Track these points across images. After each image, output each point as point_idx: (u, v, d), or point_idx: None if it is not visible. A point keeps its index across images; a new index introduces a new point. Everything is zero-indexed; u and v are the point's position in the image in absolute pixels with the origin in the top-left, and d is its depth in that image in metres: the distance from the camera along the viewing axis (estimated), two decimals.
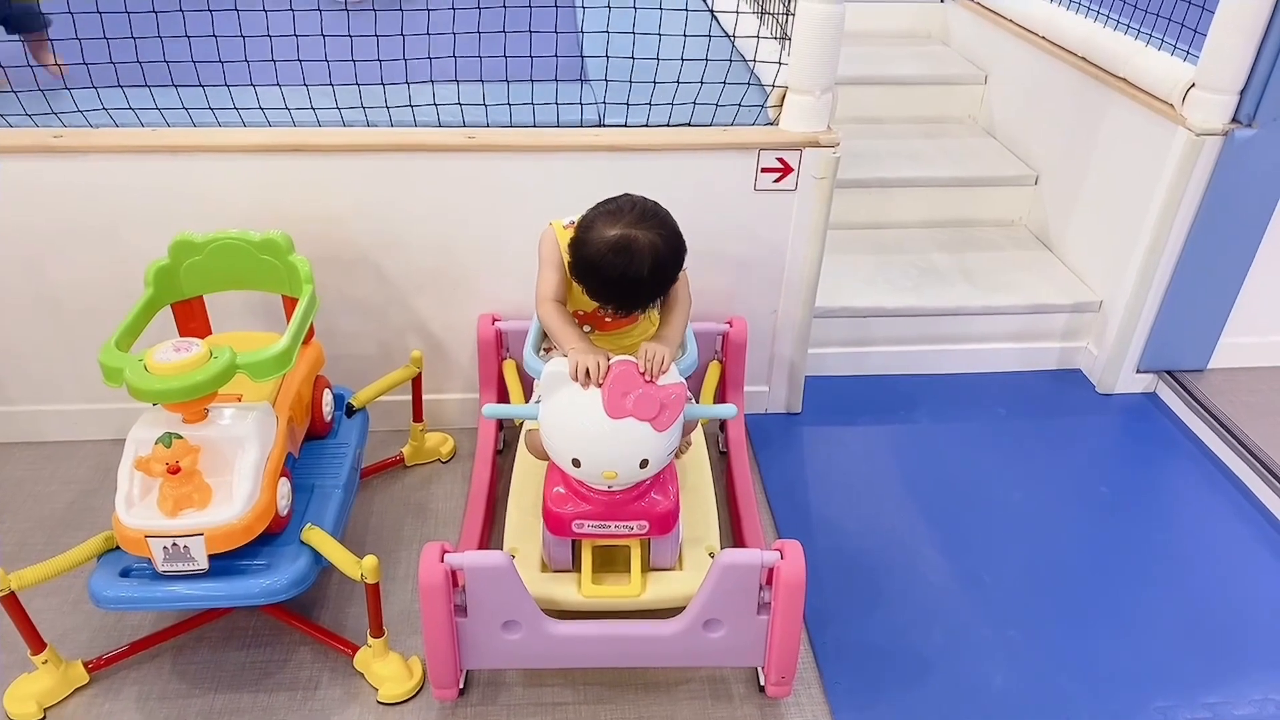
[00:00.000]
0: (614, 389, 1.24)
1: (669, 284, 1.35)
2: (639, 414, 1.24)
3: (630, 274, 1.28)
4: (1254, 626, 1.59)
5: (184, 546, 1.29)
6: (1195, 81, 1.86)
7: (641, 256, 1.28)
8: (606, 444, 1.26)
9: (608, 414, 1.24)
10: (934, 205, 2.51)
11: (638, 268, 1.28)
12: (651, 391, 1.25)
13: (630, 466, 1.27)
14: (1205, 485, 1.92)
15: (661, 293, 1.36)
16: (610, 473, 1.27)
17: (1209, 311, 2.09)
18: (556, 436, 1.30)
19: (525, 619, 1.32)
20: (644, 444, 1.26)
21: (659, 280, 1.32)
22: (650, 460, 1.28)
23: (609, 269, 1.28)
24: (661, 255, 1.30)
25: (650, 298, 1.35)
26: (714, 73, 1.75)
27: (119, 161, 1.65)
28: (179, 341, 1.32)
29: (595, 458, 1.27)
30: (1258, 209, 1.95)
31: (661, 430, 1.26)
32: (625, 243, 1.28)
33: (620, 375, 1.25)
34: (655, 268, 1.29)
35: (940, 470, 1.94)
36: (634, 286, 1.30)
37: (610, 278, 1.29)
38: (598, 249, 1.29)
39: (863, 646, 1.53)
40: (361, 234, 1.76)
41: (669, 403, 1.25)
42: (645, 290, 1.32)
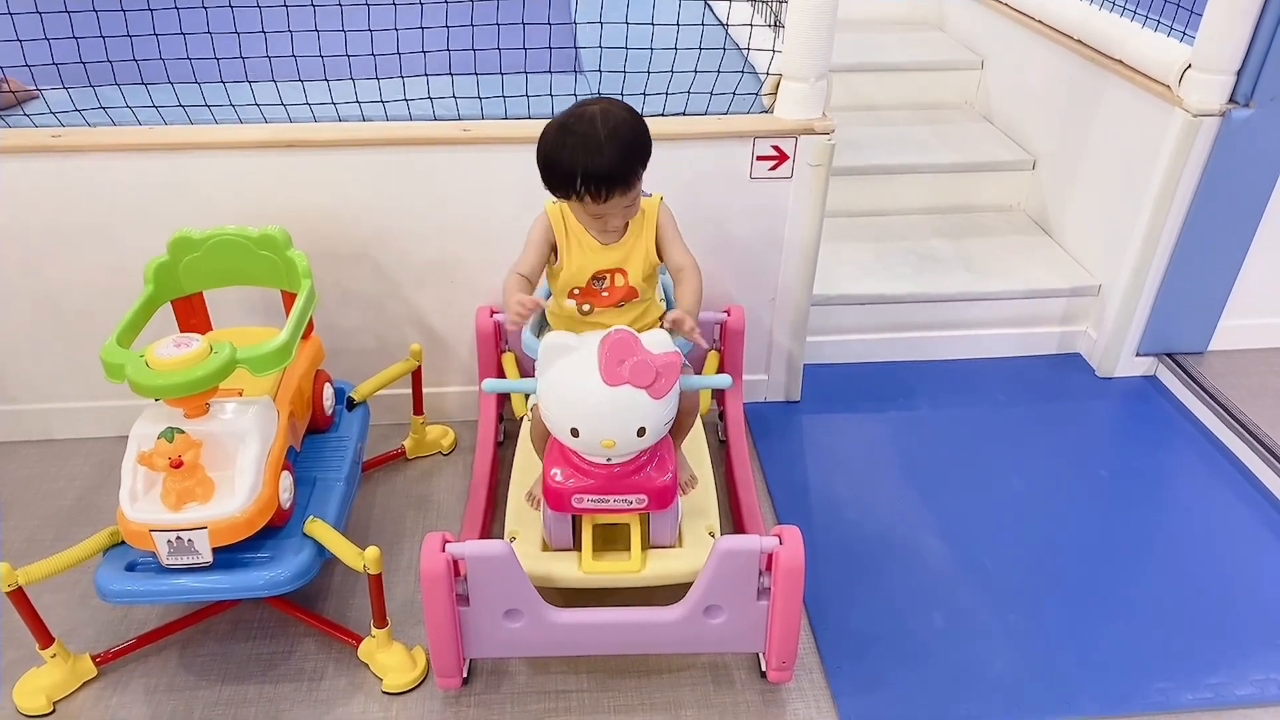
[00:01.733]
0: (610, 356, 1.25)
1: (635, 153, 1.31)
2: (635, 381, 1.25)
3: (588, 137, 1.27)
4: (1255, 607, 1.60)
5: (188, 540, 1.30)
6: (1192, 62, 1.85)
7: (593, 117, 1.28)
8: (604, 412, 1.26)
9: (604, 381, 1.25)
10: (932, 191, 2.51)
11: (592, 128, 1.27)
12: (647, 358, 1.25)
13: (628, 435, 1.28)
14: (1206, 467, 1.92)
15: (632, 165, 1.31)
16: (608, 441, 1.28)
17: (1208, 293, 2.08)
18: (555, 407, 1.30)
19: (527, 607, 1.33)
20: (641, 411, 1.26)
21: (620, 146, 1.28)
22: (647, 428, 1.28)
23: (565, 136, 1.28)
24: (617, 117, 1.30)
25: (616, 168, 1.29)
26: (708, 61, 1.75)
27: (117, 160, 1.66)
28: (179, 337, 1.33)
29: (593, 426, 1.27)
30: (1256, 190, 1.95)
31: (658, 398, 1.26)
32: (575, 114, 1.31)
33: (616, 343, 1.25)
34: (611, 129, 1.28)
35: (940, 456, 1.94)
36: (594, 148, 1.27)
37: (568, 145, 1.28)
38: (553, 128, 1.31)
39: (863, 631, 1.54)
40: (359, 228, 1.77)
41: (665, 370, 1.26)
42: (606, 155, 1.27)
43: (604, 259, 1.42)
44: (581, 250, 1.42)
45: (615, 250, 1.42)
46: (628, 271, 1.43)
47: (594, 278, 1.43)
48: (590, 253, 1.42)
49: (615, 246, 1.42)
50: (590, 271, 1.43)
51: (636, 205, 1.40)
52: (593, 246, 1.42)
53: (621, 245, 1.42)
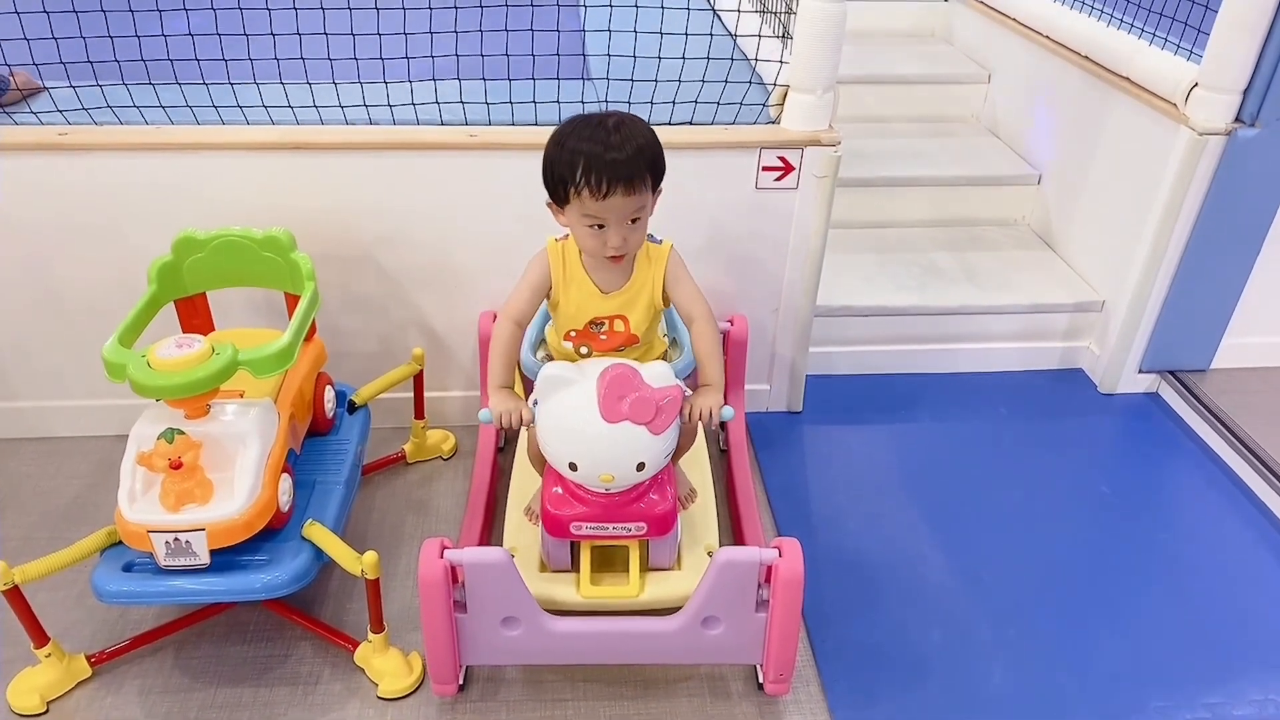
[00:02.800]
0: (609, 393, 1.23)
1: (643, 159, 1.25)
2: (635, 418, 1.23)
3: (599, 128, 1.24)
4: (1255, 627, 1.59)
5: (186, 541, 1.30)
6: (1198, 81, 1.86)
7: (607, 116, 1.26)
8: (603, 448, 1.25)
9: (604, 418, 1.24)
10: (936, 204, 2.51)
11: (604, 123, 1.24)
12: (648, 395, 1.24)
13: (627, 470, 1.27)
14: (1207, 486, 1.92)
15: (639, 163, 1.24)
16: (607, 476, 1.27)
17: (1212, 311, 2.08)
18: (553, 440, 1.29)
19: (524, 615, 1.32)
20: (640, 447, 1.25)
21: (631, 142, 1.24)
22: (647, 463, 1.27)
23: (575, 125, 1.26)
24: (634, 122, 1.27)
25: (622, 159, 1.23)
26: (716, 71, 1.76)
27: (123, 159, 1.66)
28: (181, 338, 1.33)
29: (592, 461, 1.26)
30: (1261, 209, 1.95)
31: (658, 434, 1.25)
32: (589, 114, 1.28)
33: (616, 379, 1.24)
34: (626, 129, 1.24)
35: (941, 470, 1.94)
36: (602, 137, 1.23)
37: (576, 132, 1.24)
38: (563, 125, 1.28)
39: (861, 645, 1.53)
40: (363, 231, 1.77)
41: (665, 406, 1.24)
42: (614, 145, 1.22)
43: (603, 306, 1.37)
44: (580, 295, 1.36)
45: (615, 298, 1.36)
46: (629, 320, 1.38)
47: (592, 322, 1.39)
48: (589, 298, 1.36)
49: (616, 294, 1.36)
50: (587, 317, 1.38)
51: (641, 233, 1.31)
52: (591, 292, 1.36)
53: (623, 293, 1.36)
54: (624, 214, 1.27)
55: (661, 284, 1.37)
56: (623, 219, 1.27)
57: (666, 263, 1.37)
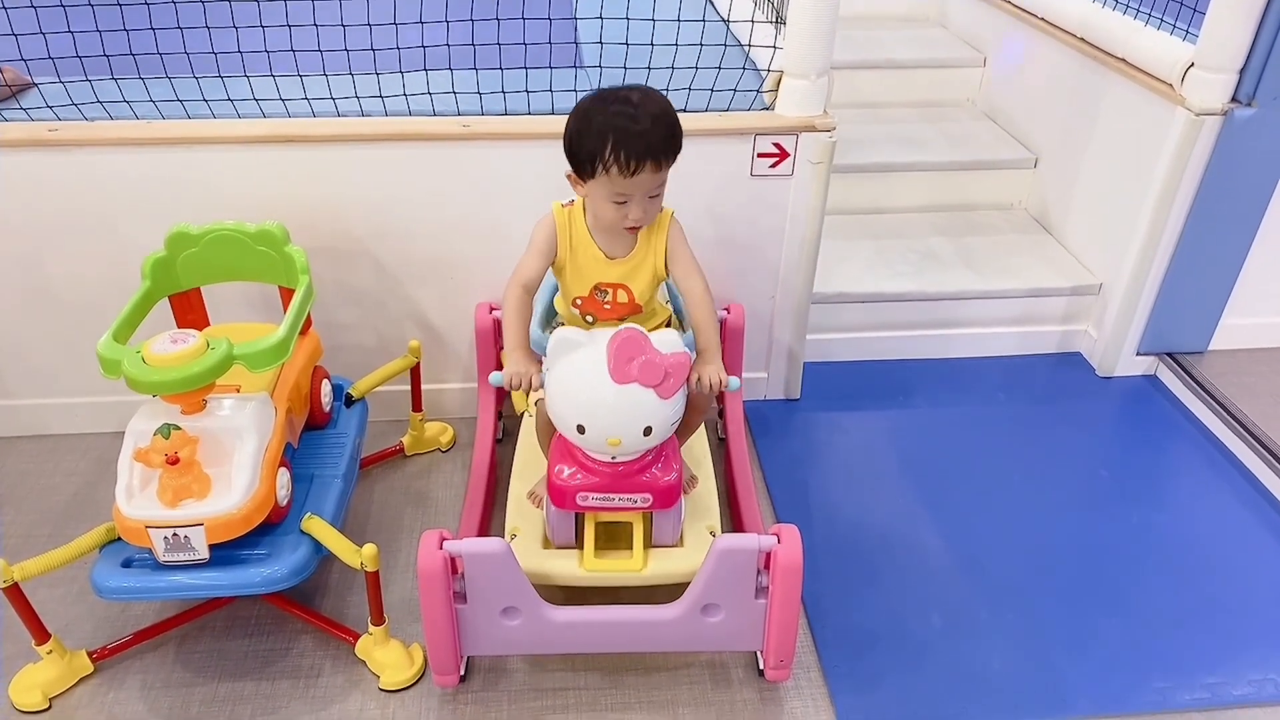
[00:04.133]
0: (619, 355, 1.24)
1: (670, 129, 1.28)
2: (644, 380, 1.24)
3: (628, 104, 1.25)
4: (1253, 607, 1.59)
5: (184, 536, 1.29)
6: (1194, 61, 1.85)
7: (631, 91, 1.28)
8: (611, 410, 1.26)
9: (613, 379, 1.24)
10: (933, 189, 2.50)
11: (629, 99, 1.26)
12: (656, 358, 1.24)
13: (634, 433, 1.27)
14: (1205, 467, 1.92)
15: (667, 139, 1.28)
16: (614, 439, 1.27)
17: (1209, 293, 2.08)
18: (562, 402, 1.30)
19: (525, 605, 1.33)
20: (648, 411, 1.26)
21: (659, 120, 1.26)
22: (654, 428, 1.27)
23: (603, 102, 1.27)
24: (658, 97, 1.28)
25: (655, 136, 1.26)
26: (709, 57, 1.74)
27: (114, 154, 1.65)
28: (176, 333, 1.33)
29: (599, 424, 1.27)
30: (1258, 189, 1.94)
31: (666, 398, 1.26)
32: (612, 89, 1.30)
33: (625, 341, 1.25)
34: (653, 105, 1.26)
35: (939, 455, 1.94)
36: (632, 114, 1.25)
37: (605, 110, 1.26)
38: (587, 100, 1.29)
39: (861, 630, 1.54)
40: (357, 224, 1.76)
41: (673, 370, 1.25)
42: (646, 124, 1.25)
43: (607, 272, 1.39)
44: (586, 260, 1.39)
45: (620, 265, 1.39)
46: (631, 289, 1.41)
47: (596, 288, 1.41)
48: (593, 264, 1.39)
49: (621, 261, 1.39)
50: (592, 282, 1.40)
51: (659, 204, 1.34)
52: (597, 258, 1.39)
53: (628, 260, 1.39)
54: (648, 189, 1.30)
55: (664, 251, 1.39)
56: (646, 194, 1.30)
57: (668, 230, 1.39)
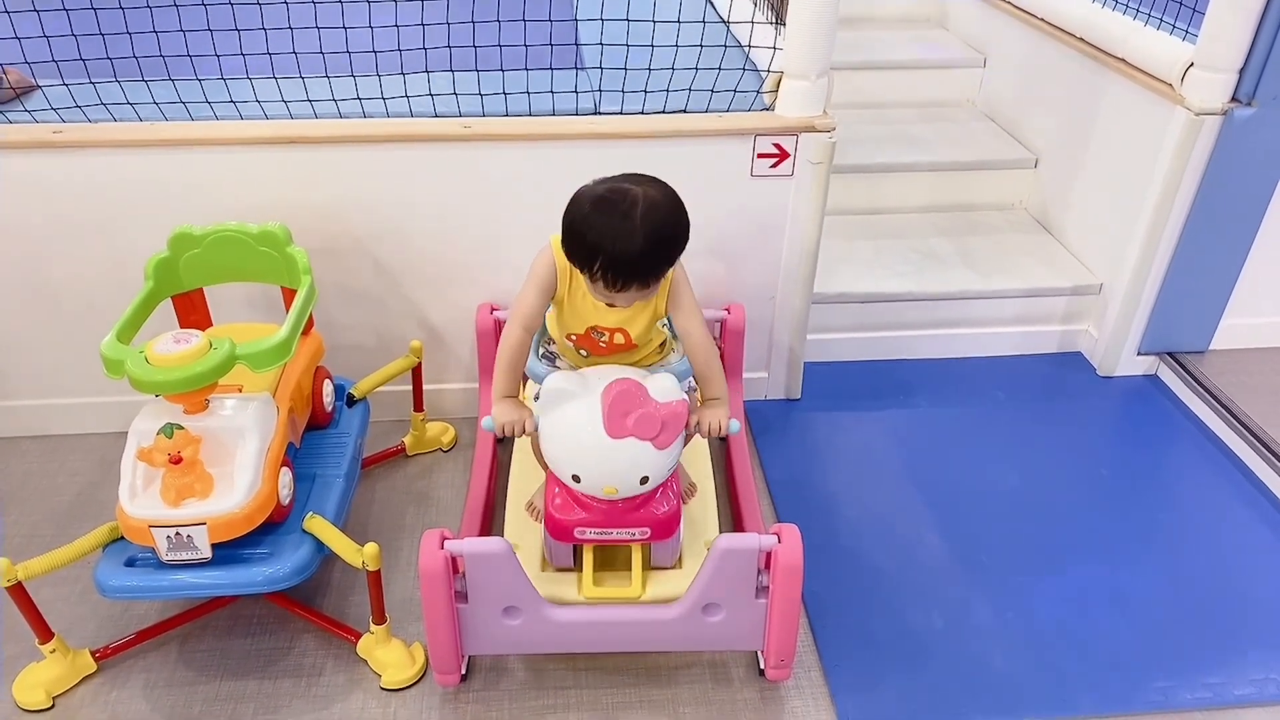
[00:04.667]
0: (614, 409, 1.22)
1: (667, 251, 1.24)
2: (640, 434, 1.23)
3: (624, 222, 1.18)
4: (1255, 606, 1.59)
5: (187, 536, 1.30)
6: (1194, 61, 1.85)
7: (635, 201, 1.19)
8: (606, 462, 1.25)
9: (608, 434, 1.23)
10: (933, 189, 2.50)
11: (629, 213, 1.19)
12: (652, 411, 1.23)
13: (630, 483, 1.27)
14: (1206, 466, 1.92)
15: (659, 264, 1.24)
16: (610, 489, 1.27)
17: (1210, 293, 2.08)
18: (556, 452, 1.29)
19: (526, 605, 1.33)
20: (645, 462, 1.25)
21: (655, 239, 1.21)
22: (651, 477, 1.27)
23: (599, 213, 1.20)
24: (658, 206, 1.21)
25: (646, 263, 1.22)
26: (709, 58, 1.75)
27: (118, 156, 1.65)
28: (179, 333, 1.34)
29: (595, 475, 1.26)
30: (1258, 189, 1.94)
31: (662, 449, 1.25)
32: (618, 190, 1.21)
33: (621, 395, 1.23)
34: (651, 223, 1.20)
35: (940, 454, 1.94)
36: (625, 236, 1.18)
37: (599, 224, 1.19)
38: (588, 198, 1.22)
39: (862, 629, 1.54)
40: (359, 225, 1.76)
41: (670, 420, 1.24)
42: (638, 249, 1.19)
43: (604, 318, 1.35)
44: (584, 303, 1.35)
45: (617, 313, 1.34)
46: (629, 332, 1.37)
47: (592, 329, 1.38)
48: (591, 308, 1.35)
49: (619, 310, 1.34)
50: (588, 324, 1.37)
51: (652, 294, 1.31)
52: (594, 304, 1.34)
53: (626, 310, 1.34)
54: (636, 296, 1.29)
55: (665, 298, 1.36)
56: (633, 298, 1.29)
57: (672, 275, 1.34)
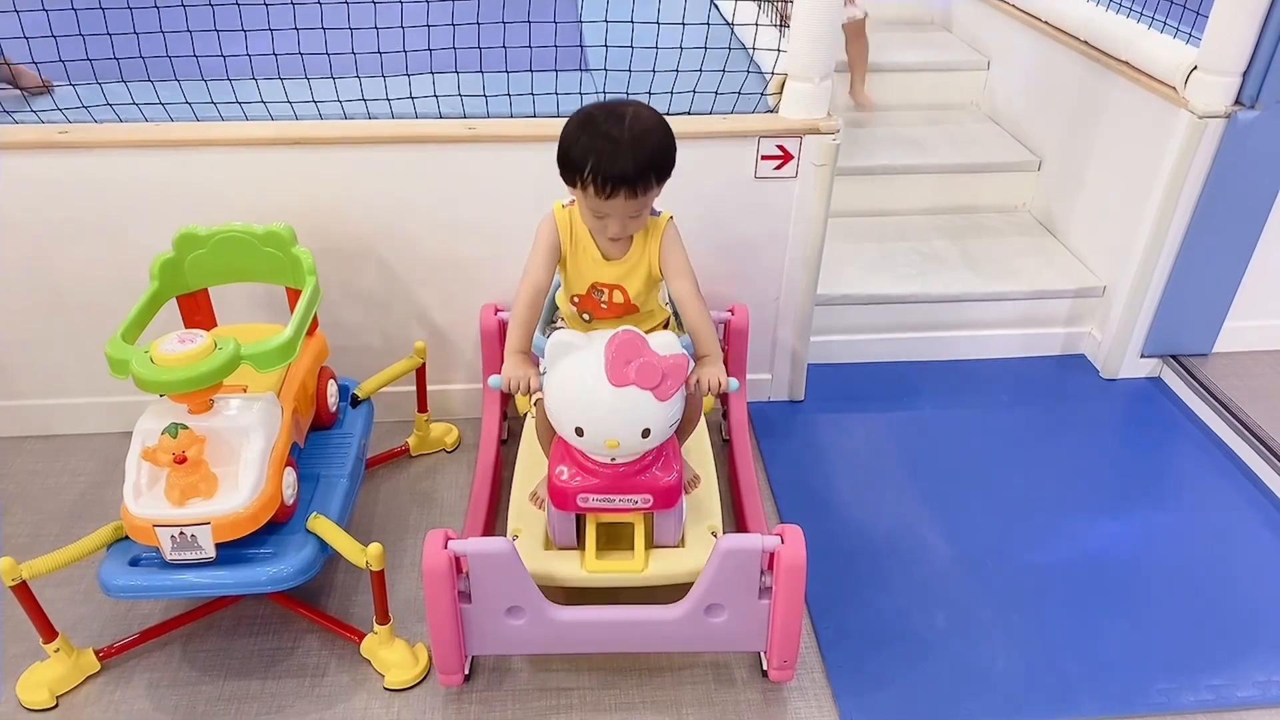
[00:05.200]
0: (617, 357, 1.25)
1: (650, 156, 1.28)
2: (641, 382, 1.25)
3: (611, 130, 1.25)
4: (1257, 609, 1.59)
5: (191, 535, 1.30)
6: (1198, 64, 1.85)
7: (622, 114, 1.27)
8: (609, 412, 1.26)
9: (610, 382, 1.25)
10: (937, 192, 2.51)
11: (618, 123, 1.26)
12: (654, 360, 1.25)
13: (632, 435, 1.28)
14: (1209, 469, 1.92)
15: (645, 170, 1.28)
16: (612, 441, 1.28)
17: (1213, 295, 2.08)
18: (560, 405, 1.30)
19: (529, 605, 1.33)
20: (646, 413, 1.26)
21: (640, 148, 1.26)
22: (652, 430, 1.28)
23: (589, 122, 1.27)
24: (644, 116, 1.28)
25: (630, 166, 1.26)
26: (713, 60, 1.75)
27: (123, 156, 1.66)
28: (184, 333, 1.34)
29: (598, 426, 1.27)
30: (1261, 192, 1.94)
31: (664, 399, 1.26)
32: (608, 105, 1.30)
33: (623, 343, 1.25)
34: (637, 131, 1.26)
35: (943, 456, 1.94)
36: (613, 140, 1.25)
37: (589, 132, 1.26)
38: (582, 111, 1.30)
39: (865, 630, 1.54)
40: (364, 225, 1.77)
41: (671, 371, 1.26)
42: (623, 150, 1.25)
43: (603, 273, 1.41)
44: (584, 259, 1.41)
45: (616, 266, 1.41)
46: (627, 290, 1.42)
47: (593, 287, 1.43)
48: (591, 263, 1.41)
49: (617, 262, 1.40)
50: (589, 281, 1.42)
51: (642, 220, 1.36)
52: (595, 257, 1.40)
53: (624, 262, 1.40)
54: (625, 211, 1.32)
55: (658, 254, 1.40)
56: (623, 214, 1.32)
57: (664, 233, 1.39)
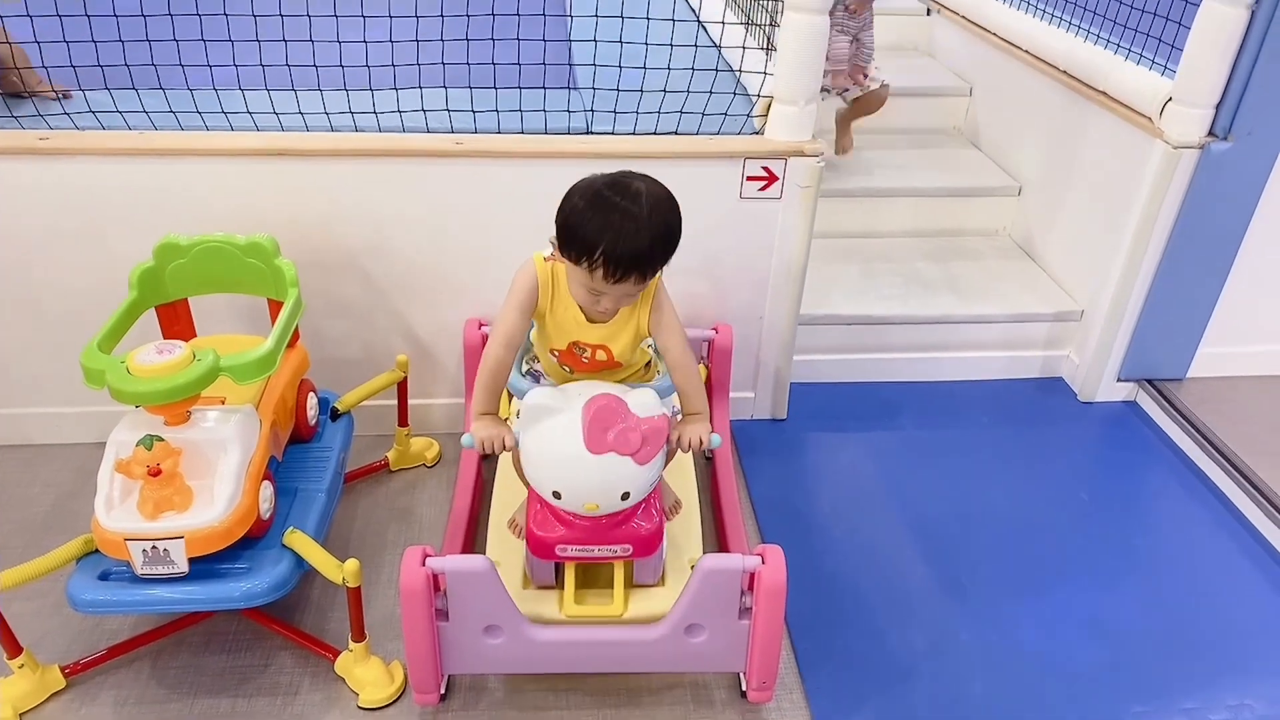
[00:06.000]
0: (595, 425, 1.22)
1: (664, 250, 1.24)
2: (620, 449, 1.22)
3: (630, 212, 1.20)
4: (1231, 632, 1.61)
5: (164, 549, 1.28)
6: (1172, 95, 1.89)
7: (638, 193, 1.21)
8: (587, 478, 1.24)
9: (589, 449, 1.23)
10: (920, 215, 2.54)
11: (635, 204, 1.20)
12: (633, 425, 1.23)
13: (612, 499, 1.26)
14: (1184, 493, 1.94)
15: (659, 256, 1.24)
16: (591, 505, 1.26)
17: (1187, 321, 2.11)
18: (537, 468, 1.28)
19: (507, 623, 1.32)
20: (625, 478, 1.24)
21: (657, 234, 1.22)
22: (632, 493, 1.26)
23: (604, 202, 1.20)
24: (662, 199, 1.24)
25: (645, 254, 1.21)
26: (701, 82, 1.77)
27: (105, 164, 1.65)
28: (162, 344, 1.32)
29: (576, 491, 1.25)
30: (1233, 221, 1.98)
31: (643, 464, 1.24)
32: (620, 183, 1.23)
33: (601, 410, 1.23)
34: (656, 216, 1.21)
35: (924, 477, 1.95)
36: (632, 226, 1.19)
37: (604, 213, 1.20)
38: (589, 189, 1.23)
39: (845, 651, 1.54)
40: (349, 238, 1.76)
41: (650, 436, 1.24)
42: (643, 237, 1.20)
43: (587, 334, 1.35)
44: (565, 319, 1.35)
45: (601, 328, 1.35)
46: (611, 349, 1.37)
47: (574, 345, 1.37)
48: (573, 323, 1.35)
49: (601, 326, 1.34)
50: (570, 339, 1.37)
51: (632, 300, 1.31)
52: (577, 319, 1.34)
53: (609, 325, 1.34)
54: (626, 293, 1.28)
55: (647, 311, 1.35)
56: (623, 295, 1.28)
57: (654, 293, 1.35)
